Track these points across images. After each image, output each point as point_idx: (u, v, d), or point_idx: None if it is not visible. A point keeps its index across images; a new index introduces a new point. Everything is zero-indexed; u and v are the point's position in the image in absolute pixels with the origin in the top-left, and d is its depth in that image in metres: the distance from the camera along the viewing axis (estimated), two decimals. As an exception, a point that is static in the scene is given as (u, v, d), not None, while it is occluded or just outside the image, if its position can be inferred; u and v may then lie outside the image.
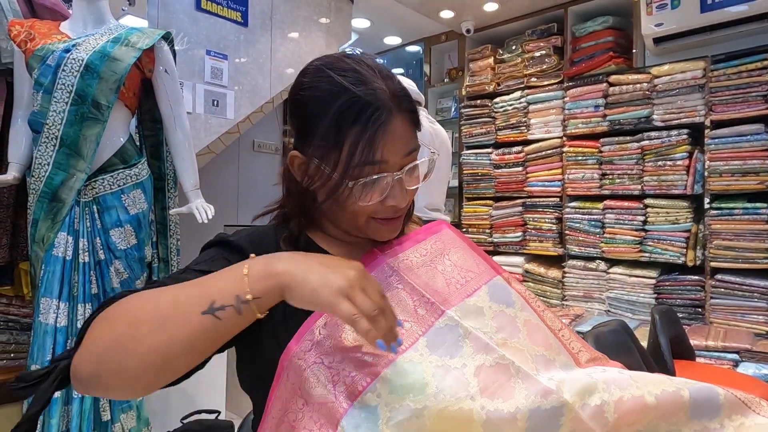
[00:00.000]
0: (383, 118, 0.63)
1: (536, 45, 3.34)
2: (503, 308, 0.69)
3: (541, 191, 3.27)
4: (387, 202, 0.66)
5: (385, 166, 0.64)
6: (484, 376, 0.59)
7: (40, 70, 1.53)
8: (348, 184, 0.64)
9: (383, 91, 0.64)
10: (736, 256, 2.52)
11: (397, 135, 0.64)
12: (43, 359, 1.49)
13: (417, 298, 0.66)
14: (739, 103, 2.52)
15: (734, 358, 2.20)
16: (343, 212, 0.68)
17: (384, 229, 0.70)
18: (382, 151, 0.63)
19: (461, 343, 0.62)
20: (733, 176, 2.54)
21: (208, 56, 2.56)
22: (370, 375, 0.58)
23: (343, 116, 0.62)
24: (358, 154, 0.62)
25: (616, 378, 0.65)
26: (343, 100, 0.63)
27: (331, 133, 0.63)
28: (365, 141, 0.62)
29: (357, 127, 0.62)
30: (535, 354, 0.65)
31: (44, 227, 1.55)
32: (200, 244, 0.75)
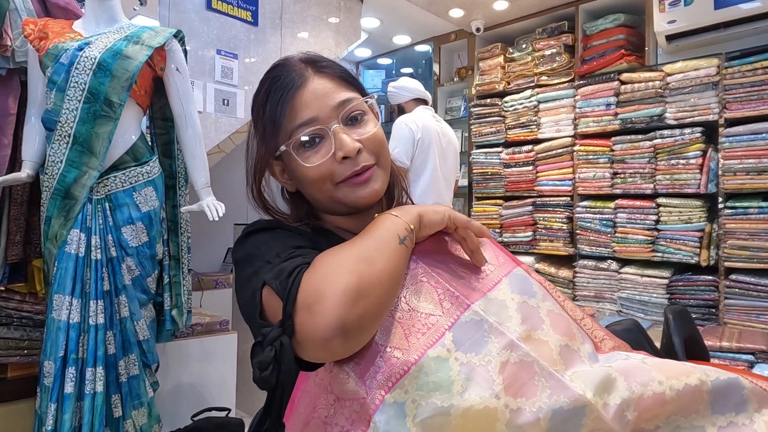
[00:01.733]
0: (297, 81, 0.69)
1: (547, 43, 3.31)
2: (525, 299, 0.68)
3: (551, 190, 3.25)
4: (337, 155, 0.68)
5: (317, 122, 0.68)
6: (508, 373, 0.58)
7: (53, 68, 1.54)
8: (282, 148, 0.69)
9: (295, 63, 0.72)
10: (751, 256, 2.48)
11: (318, 91, 0.69)
12: (55, 355, 1.50)
13: (442, 291, 0.65)
14: (754, 101, 2.49)
15: (749, 359, 2.17)
16: (311, 187, 0.71)
17: (356, 188, 0.70)
18: (305, 109, 0.68)
19: (486, 339, 0.61)
20: (747, 175, 2.50)
21: (219, 55, 2.57)
22: (401, 370, 0.57)
23: (267, 98, 0.71)
24: (281, 120, 0.68)
25: (637, 369, 0.63)
26: (264, 88, 0.72)
27: (259, 116, 0.71)
28: (283, 106, 0.68)
29: (273, 99, 0.69)
30: (560, 344, 0.64)
31: (57, 224, 1.56)
32: (211, 241, 0.76)
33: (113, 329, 1.59)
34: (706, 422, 0.62)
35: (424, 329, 0.60)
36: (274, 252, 0.65)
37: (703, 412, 0.62)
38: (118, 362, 1.59)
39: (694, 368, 0.65)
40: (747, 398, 0.63)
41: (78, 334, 1.53)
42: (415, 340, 0.59)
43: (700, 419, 0.62)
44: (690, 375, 0.63)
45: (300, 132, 0.68)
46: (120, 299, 1.61)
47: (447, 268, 0.68)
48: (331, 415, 0.58)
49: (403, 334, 0.60)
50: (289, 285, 0.56)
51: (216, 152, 2.57)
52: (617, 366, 0.64)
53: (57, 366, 1.50)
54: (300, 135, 0.68)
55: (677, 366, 0.66)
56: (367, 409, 0.56)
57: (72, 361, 1.51)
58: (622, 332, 1.46)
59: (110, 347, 1.58)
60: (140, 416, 1.64)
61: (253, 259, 0.67)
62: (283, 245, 0.66)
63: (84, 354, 1.54)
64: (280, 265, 0.61)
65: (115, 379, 1.59)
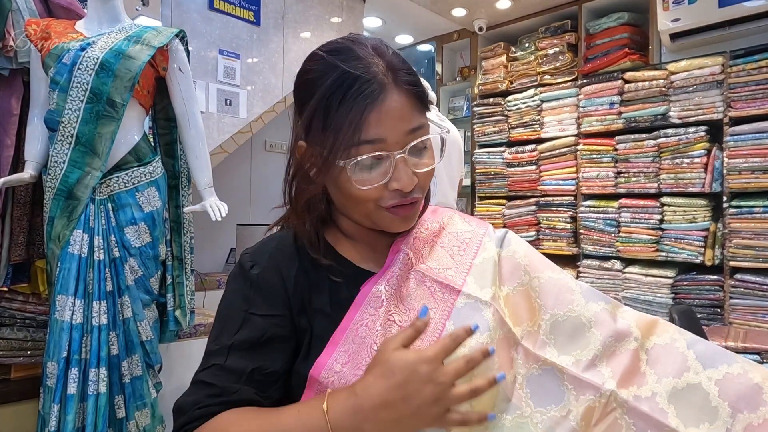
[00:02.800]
0: (375, 92, 0.59)
1: (550, 42, 3.30)
2: (506, 251, 0.70)
3: (555, 190, 3.24)
4: (391, 185, 0.61)
5: (383, 145, 0.60)
6: (500, 350, 0.61)
7: (56, 68, 1.54)
8: (339, 164, 0.60)
9: (376, 65, 0.61)
10: (756, 256, 2.46)
11: (394, 110, 0.60)
12: (59, 356, 1.50)
13: (430, 284, 0.65)
14: (759, 99, 2.47)
15: (755, 359, 2.16)
16: (349, 201, 0.65)
17: (395, 218, 0.65)
18: (376, 127, 0.59)
19: (485, 316, 0.62)
20: (752, 174, 2.49)
21: (221, 56, 2.57)
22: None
23: (333, 94, 0.59)
24: (347, 131, 0.59)
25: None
26: (332, 78, 0.60)
27: (321, 111, 0.60)
28: (354, 117, 0.58)
29: (346, 104, 0.59)
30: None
31: (60, 225, 1.56)
32: (214, 241, 0.75)
33: (116, 330, 1.59)
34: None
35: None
36: (222, 332, 0.64)
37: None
38: (121, 363, 1.59)
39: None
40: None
41: (81, 334, 1.53)
42: (419, 341, 0.59)
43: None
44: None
45: (363, 151, 0.60)
46: (123, 300, 1.61)
47: (432, 254, 0.68)
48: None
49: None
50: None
51: (218, 152, 2.57)
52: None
53: (60, 367, 1.49)
54: (362, 155, 0.60)
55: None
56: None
57: (75, 362, 1.51)
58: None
59: (113, 348, 1.57)
60: (143, 417, 1.64)
61: (217, 314, 0.68)
62: (236, 322, 0.64)
63: (87, 355, 1.53)
64: (199, 374, 0.62)
65: (119, 379, 1.59)
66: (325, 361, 0.61)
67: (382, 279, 0.67)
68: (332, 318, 0.64)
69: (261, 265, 0.67)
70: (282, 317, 0.64)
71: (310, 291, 0.66)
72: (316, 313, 0.65)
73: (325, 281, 0.67)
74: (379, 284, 0.66)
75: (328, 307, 0.65)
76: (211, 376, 0.61)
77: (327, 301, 0.66)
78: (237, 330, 0.63)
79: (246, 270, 0.67)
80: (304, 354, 0.64)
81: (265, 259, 0.68)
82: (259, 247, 0.70)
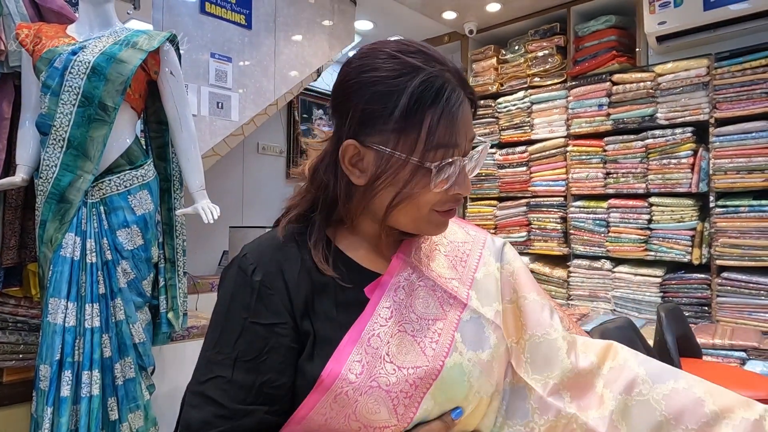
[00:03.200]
0: (460, 98, 0.61)
1: (539, 45, 3.34)
2: (505, 266, 0.75)
3: (545, 191, 3.27)
4: (452, 190, 0.63)
5: (457, 150, 0.62)
6: (499, 366, 0.66)
7: (47, 72, 1.55)
8: (427, 165, 0.60)
9: (454, 71, 0.62)
10: (743, 254, 2.51)
11: (467, 118, 0.63)
12: (51, 359, 1.50)
13: (440, 293, 0.68)
14: (744, 101, 2.52)
15: (741, 356, 2.19)
16: (407, 204, 0.63)
17: (443, 222, 0.67)
18: (457, 133, 0.61)
19: (487, 334, 0.66)
20: (738, 174, 2.53)
21: (213, 59, 2.58)
22: (425, 387, 0.61)
23: (423, 94, 0.59)
24: (438, 135, 0.59)
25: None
26: (421, 79, 0.60)
27: (408, 112, 0.59)
28: (446, 120, 0.60)
29: (437, 106, 0.59)
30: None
31: (52, 228, 1.56)
32: (205, 244, 0.74)
33: (109, 332, 1.59)
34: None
35: (435, 337, 0.64)
36: (221, 339, 0.62)
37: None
38: (114, 365, 1.59)
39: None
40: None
41: (74, 337, 1.53)
42: (432, 351, 0.62)
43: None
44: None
45: (439, 156, 0.61)
46: (116, 302, 1.62)
47: (438, 265, 0.71)
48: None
49: (420, 348, 0.63)
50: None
51: (211, 155, 2.58)
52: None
53: (53, 370, 1.50)
54: (446, 159, 0.61)
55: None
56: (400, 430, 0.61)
57: (68, 365, 1.51)
58: (615, 329, 1.48)
59: (106, 350, 1.58)
60: (136, 419, 1.65)
61: (214, 317, 0.65)
62: (236, 329, 0.62)
63: (80, 357, 1.54)
64: (204, 385, 0.61)
65: (111, 382, 1.59)
66: (338, 369, 0.60)
67: (389, 288, 0.66)
68: (338, 321, 0.63)
69: (262, 269, 0.64)
70: (285, 324, 0.62)
71: (314, 293, 0.64)
72: (320, 315, 0.63)
73: (328, 282, 0.65)
74: (387, 293, 0.66)
75: (333, 309, 0.64)
76: (218, 391, 0.60)
77: (332, 303, 0.64)
78: (237, 338, 0.62)
79: (247, 275, 0.64)
80: (308, 355, 0.62)
81: (267, 262, 0.65)
82: (259, 247, 0.67)
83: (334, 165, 0.66)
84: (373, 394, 0.59)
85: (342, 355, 0.60)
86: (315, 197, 0.70)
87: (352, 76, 0.63)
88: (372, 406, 0.59)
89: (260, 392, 0.60)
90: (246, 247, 0.68)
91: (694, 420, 0.60)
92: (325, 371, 0.60)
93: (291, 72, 2.94)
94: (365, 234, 0.70)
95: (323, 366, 0.60)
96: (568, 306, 3.07)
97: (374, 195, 0.64)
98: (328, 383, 0.59)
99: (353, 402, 0.59)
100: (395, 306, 0.65)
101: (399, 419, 0.59)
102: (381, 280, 0.67)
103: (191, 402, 0.61)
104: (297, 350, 0.63)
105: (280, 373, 0.61)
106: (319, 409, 0.60)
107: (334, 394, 0.59)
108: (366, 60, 0.63)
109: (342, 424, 0.59)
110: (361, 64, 0.63)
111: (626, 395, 0.64)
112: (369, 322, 0.63)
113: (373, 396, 0.59)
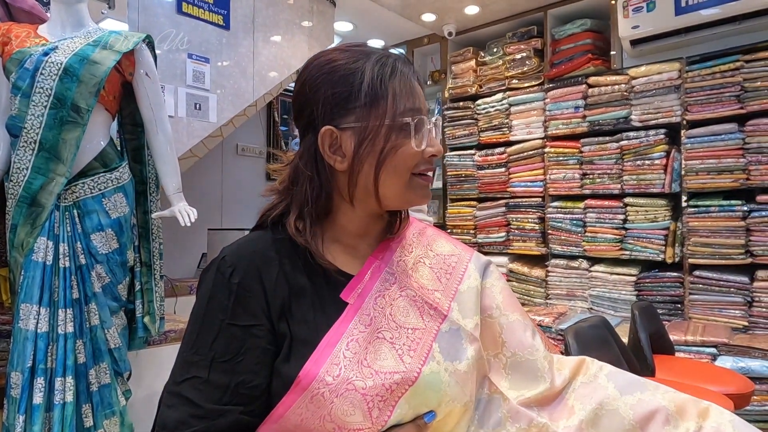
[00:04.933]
0: (412, 71, 0.70)
1: (517, 47, 3.38)
2: (487, 282, 0.77)
3: (523, 192, 3.31)
4: (428, 151, 0.69)
5: (423, 113, 0.69)
6: (476, 375, 0.68)
7: (17, 73, 1.52)
8: (403, 120, 0.67)
9: (398, 54, 0.71)
10: (713, 253, 2.57)
11: (420, 91, 0.71)
12: (23, 365, 1.47)
13: (420, 304, 0.69)
14: (713, 103, 2.59)
15: (712, 352, 2.25)
16: (391, 172, 0.68)
17: (424, 184, 0.71)
18: (418, 98, 0.69)
19: (465, 346, 0.68)
20: (708, 175, 2.60)
21: (190, 59, 2.55)
22: (400, 392, 0.62)
23: (383, 69, 0.67)
24: (404, 100, 0.67)
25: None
26: (376, 58, 0.68)
27: (373, 86, 0.66)
28: (407, 88, 0.68)
29: (396, 77, 0.68)
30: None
31: (23, 232, 1.53)
32: (183, 247, 0.74)
33: (83, 338, 1.57)
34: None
35: (414, 345, 0.65)
36: (198, 340, 0.63)
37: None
38: (88, 371, 1.57)
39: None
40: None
41: (47, 343, 1.50)
42: (409, 359, 0.64)
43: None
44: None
45: (410, 115, 0.68)
46: (90, 307, 1.59)
47: (420, 276, 0.73)
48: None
49: (397, 355, 0.64)
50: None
51: (189, 156, 2.55)
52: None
53: (25, 377, 1.47)
54: (412, 116, 0.67)
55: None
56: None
57: (41, 372, 1.48)
58: (588, 328, 1.51)
59: (80, 356, 1.55)
60: (112, 425, 1.62)
61: (192, 318, 0.65)
62: (213, 330, 0.63)
63: (53, 364, 1.51)
64: (180, 386, 0.62)
65: (86, 388, 1.57)
66: (316, 371, 0.61)
67: (370, 295, 0.68)
68: (315, 323, 0.64)
69: (240, 272, 0.65)
70: (261, 326, 0.64)
71: (291, 295, 0.66)
72: (297, 317, 0.65)
73: (305, 284, 0.67)
74: (368, 300, 0.67)
75: (310, 312, 0.65)
76: (194, 391, 0.61)
77: (309, 305, 0.66)
78: (214, 339, 0.63)
79: (225, 277, 0.65)
80: (284, 356, 0.63)
81: (245, 264, 0.66)
82: (238, 250, 0.68)
83: (314, 160, 0.69)
84: (348, 397, 0.60)
85: (320, 357, 0.62)
86: (294, 199, 0.71)
87: (313, 73, 0.69)
88: (347, 408, 0.60)
89: (236, 392, 0.61)
90: (225, 250, 0.69)
91: (656, 426, 0.65)
92: (303, 371, 0.61)
93: (270, 73, 2.93)
94: (344, 231, 0.72)
95: (300, 367, 0.61)
96: (546, 305, 3.12)
97: (358, 173, 0.67)
98: (305, 384, 0.60)
99: (329, 403, 0.60)
100: (375, 313, 0.67)
101: (373, 422, 0.60)
102: (363, 288, 0.69)
103: (167, 402, 0.62)
104: (273, 352, 0.64)
105: (255, 374, 0.62)
106: (295, 409, 0.61)
107: (311, 394, 0.60)
108: (321, 59, 0.70)
109: (317, 425, 0.60)
110: (317, 63, 0.69)
111: (597, 406, 0.68)
112: (348, 327, 0.64)
113: (349, 398, 0.60)
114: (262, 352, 0.63)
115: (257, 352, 0.63)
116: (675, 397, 0.67)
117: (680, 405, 0.66)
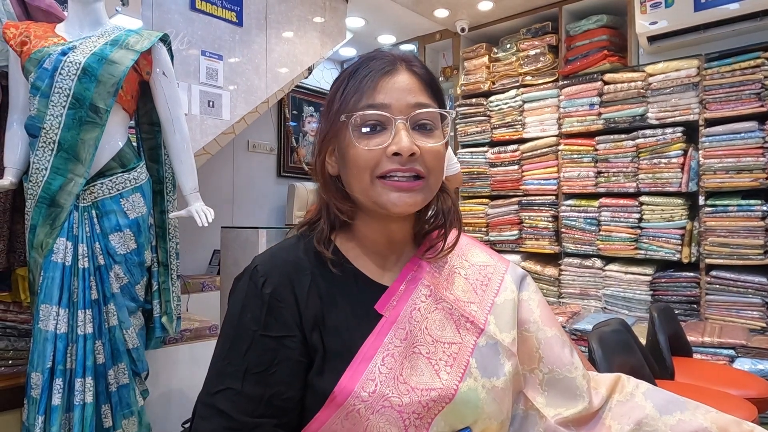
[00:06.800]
0: (387, 67, 0.66)
1: (531, 43, 3.34)
2: (523, 295, 0.75)
3: (536, 189, 3.28)
4: (390, 149, 0.62)
5: (388, 110, 0.64)
6: (513, 390, 0.66)
7: (36, 73, 1.51)
8: (342, 118, 0.65)
9: (389, 54, 0.68)
10: (731, 253, 2.54)
11: (402, 83, 0.65)
12: (43, 366, 1.48)
13: (457, 317, 0.68)
14: (733, 101, 2.55)
15: (730, 354, 2.23)
16: (351, 172, 0.65)
17: (393, 192, 0.63)
18: (382, 93, 0.64)
19: (502, 361, 0.67)
20: (727, 173, 2.57)
21: (203, 56, 2.54)
22: (437, 409, 0.61)
23: (353, 68, 0.68)
24: (355, 95, 0.65)
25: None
26: (349, 69, 0.68)
27: (336, 86, 0.68)
28: (364, 83, 0.65)
29: (359, 74, 0.66)
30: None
31: (43, 233, 1.53)
32: (197, 243, 0.73)
33: (102, 338, 1.57)
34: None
35: (450, 360, 0.64)
36: (231, 351, 0.63)
37: None
38: (107, 372, 1.57)
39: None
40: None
41: (66, 344, 1.50)
42: (446, 375, 0.62)
43: None
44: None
45: (367, 110, 0.64)
46: (108, 308, 1.59)
47: (456, 287, 0.71)
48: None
49: (434, 370, 0.62)
50: None
51: (201, 154, 2.54)
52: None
53: (45, 377, 1.47)
54: (365, 112, 0.63)
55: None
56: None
57: (60, 372, 1.49)
58: (612, 333, 1.49)
59: (99, 357, 1.55)
60: (130, 425, 1.63)
61: (225, 328, 0.66)
62: (246, 342, 0.62)
63: (72, 365, 1.51)
64: (214, 397, 0.61)
65: (105, 388, 1.57)
66: (351, 387, 0.60)
67: (405, 308, 0.66)
68: (349, 335, 0.63)
69: (273, 282, 0.64)
70: (294, 338, 0.63)
71: (323, 307, 0.64)
72: (330, 329, 0.63)
73: (338, 296, 0.66)
74: (403, 313, 0.65)
75: (343, 324, 0.64)
76: (227, 403, 0.61)
77: (342, 318, 0.64)
78: (247, 350, 0.62)
79: (258, 287, 0.64)
80: (318, 369, 0.62)
81: (277, 274, 0.65)
82: (270, 260, 0.67)
83: (321, 164, 0.70)
84: (385, 413, 0.59)
85: (356, 373, 0.60)
86: (321, 207, 0.71)
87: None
88: (383, 425, 0.59)
89: (269, 405, 0.60)
90: (257, 259, 0.68)
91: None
92: (338, 387, 0.60)
93: (282, 69, 2.91)
94: (368, 241, 0.71)
95: (334, 381, 0.60)
96: (559, 304, 3.10)
97: (344, 176, 0.68)
98: (340, 400, 0.59)
99: (365, 420, 0.59)
100: (410, 327, 0.65)
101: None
102: (398, 300, 0.67)
103: (201, 413, 0.62)
104: (305, 364, 0.63)
105: (289, 385, 0.62)
106: (330, 425, 0.60)
107: (346, 411, 0.59)
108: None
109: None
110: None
111: (635, 426, 0.67)
112: (384, 341, 0.63)
113: (385, 415, 0.59)
114: (294, 363, 0.62)
115: (290, 363, 0.62)
116: (717, 418, 0.65)
117: (723, 427, 0.64)
